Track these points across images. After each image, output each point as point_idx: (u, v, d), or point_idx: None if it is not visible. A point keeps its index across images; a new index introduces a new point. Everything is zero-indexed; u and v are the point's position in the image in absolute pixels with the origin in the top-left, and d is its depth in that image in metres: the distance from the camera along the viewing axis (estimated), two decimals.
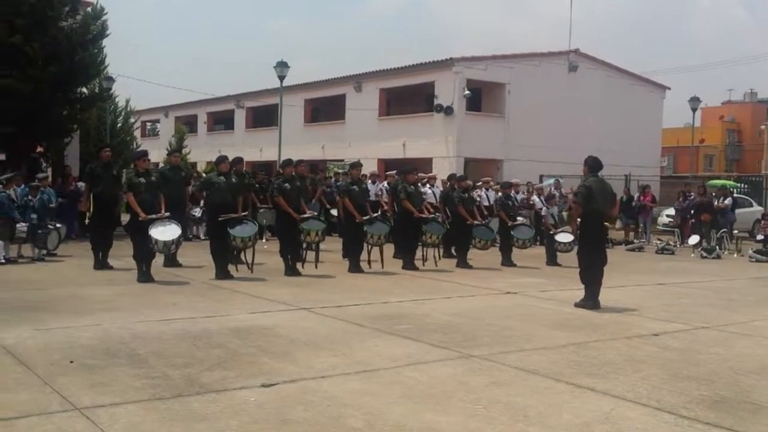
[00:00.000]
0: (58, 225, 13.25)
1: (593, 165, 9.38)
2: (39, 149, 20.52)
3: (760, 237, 18.72)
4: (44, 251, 12.62)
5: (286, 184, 11.60)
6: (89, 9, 19.59)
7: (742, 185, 28.57)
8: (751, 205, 25.14)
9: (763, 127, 54.67)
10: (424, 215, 13.10)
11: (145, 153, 11.36)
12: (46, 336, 6.45)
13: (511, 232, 14.18)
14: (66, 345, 6.11)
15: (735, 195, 21.11)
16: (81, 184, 15.41)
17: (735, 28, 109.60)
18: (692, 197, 20.24)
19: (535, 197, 19.24)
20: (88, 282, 10.13)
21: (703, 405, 4.97)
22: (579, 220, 9.28)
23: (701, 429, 4.49)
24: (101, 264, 11.49)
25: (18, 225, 12.21)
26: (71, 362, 5.54)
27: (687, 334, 7.58)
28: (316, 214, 12.75)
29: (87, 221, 11.88)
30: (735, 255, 17.81)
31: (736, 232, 19.41)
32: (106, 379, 5.12)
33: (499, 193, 16.13)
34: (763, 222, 19.09)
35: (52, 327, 6.86)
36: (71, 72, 18.20)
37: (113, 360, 5.67)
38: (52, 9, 17.71)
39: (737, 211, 20.55)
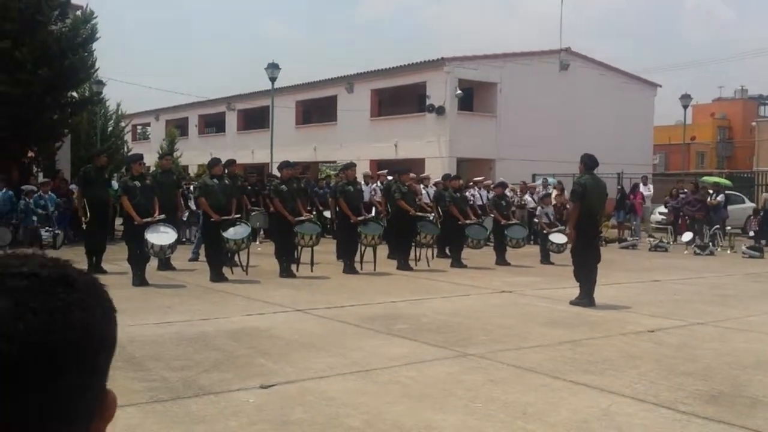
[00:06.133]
0: (57, 231, 13.32)
1: (589, 163, 9.41)
2: (30, 154, 20.42)
3: (752, 233, 18.83)
4: None
5: (283, 186, 11.61)
6: (79, 13, 19.49)
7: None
8: (743, 202, 25.25)
9: (754, 123, 54.89)
10: (420, 213, 13.21)
11: (140, 157, 11.34)
12: None
13: (505, 232, 14.20)
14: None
15: (727, 192, 21.18)
16: (74, 187, 15.40)
17: (724, 26, 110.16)
18: (685, 194, 20.32)
19: (527, 197, 19.31)
20: None
21: (700, 400, 4.99)
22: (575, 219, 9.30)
23: (699, 423, 4.50)
24: (95, 268, 11.42)
25: None
26: None
27: (683, 330, 7.61)
28: (312, 217, 12.73)
29: (84, 226, 11.85)
30: (728, 251, 17.88)
31: (728, 228, 19.50)
32: None
33: (492, 192, 16.16)
34: (754, 218, 19.21)
35: None
36: (61, 76, 18.10)
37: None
38: (41, 13, 17.63)
39: (729, 207, 20.65)
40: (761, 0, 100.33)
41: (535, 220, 16.55)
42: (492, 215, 14.95)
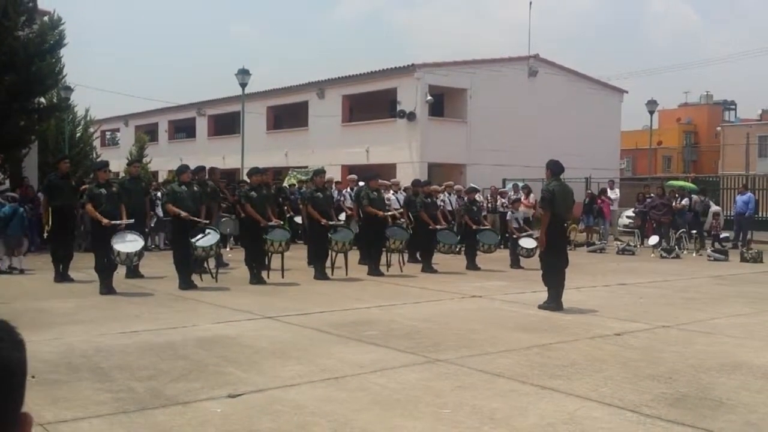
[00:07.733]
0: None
1: (555, 169, 9.51)
2: None
3: (723, 235, 19.17)
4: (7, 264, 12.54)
5: (253, 192, 11.58)
6: (46, 18, 19.25)
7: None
8: (708, 206, 25.58)
9: (718, 128, 55.94)
10: (389, 215, 13.34)
11: (105, 164, 11.24)
12: None
13: (477, 237, 14.28)
14: (27, 360, 5.98)
15: (692, 195, 21.48)
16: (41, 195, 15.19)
17: (690, 31, 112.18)
18: (652, 198, 20.59)
19: (498, 200, 19.46)
20: (49, 295, 9.95)
21: (664, 403, 5.06)
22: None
23: (663, 426, 4.57)
24: (62, 276, 11.30)
25: None
26: (33, 377, 5.43)
27: (648, 333, 7.72)
28: (282, 223, 12.72)
29: (46, 234, 11.72)
30: (694, 254, 18.16)
31: (694, 231, 19.79)
32: (69, 393, 5.05)
33: (464, 197, 16.25)
34: (714, 221, 19.52)
35: None
36: (28, 82, 17.87)
37: (76, 374, 5.58)
38: (7, 19, 17.38)
39: None
40: (727, 6, 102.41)
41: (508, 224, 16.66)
42: (463, 220, 15.03)
